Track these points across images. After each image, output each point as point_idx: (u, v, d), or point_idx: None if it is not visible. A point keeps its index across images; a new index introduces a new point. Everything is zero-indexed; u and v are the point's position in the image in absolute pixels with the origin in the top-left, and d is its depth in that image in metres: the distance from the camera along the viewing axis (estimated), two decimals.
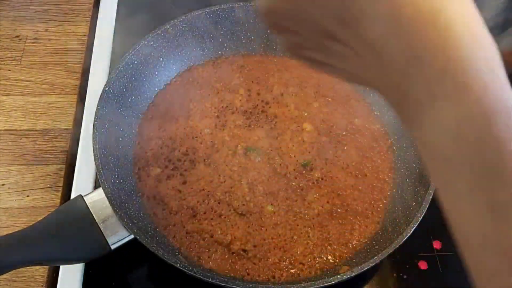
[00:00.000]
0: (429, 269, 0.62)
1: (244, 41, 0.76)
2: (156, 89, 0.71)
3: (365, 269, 0.52)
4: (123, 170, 0.62)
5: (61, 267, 0.60)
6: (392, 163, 0.67)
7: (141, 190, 0.62)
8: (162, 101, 0.70)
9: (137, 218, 0.57)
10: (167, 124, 0.68)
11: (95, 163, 0.57)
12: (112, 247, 0.53)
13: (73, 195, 0.65)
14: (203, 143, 0.66)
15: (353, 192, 0.63)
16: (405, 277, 0.61)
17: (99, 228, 0.53)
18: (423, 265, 0.62)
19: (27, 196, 0.67)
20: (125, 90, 0.66)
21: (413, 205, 0.58)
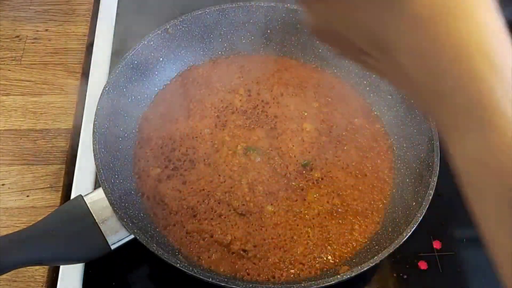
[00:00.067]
0: (429, 269, 0.62)
1: (244, 41, 0.76)
2: (156, 89, 0.71)
3: (365, 269, 0.52)
4: (123, 170, 0.62)
5: (61, 267, 0.60)
6: (392, 163, 0.67)
7: (141, 190, 0.62)
8: (162, 101, 0.70)
9: (137, 218, 0.57)
10: (167, 124, 0.68)
11: (95, 163, 0.56)
12: (112, 247, 0.53)
13: (73, 195, 0.65)
14: (203, 143, 0.66)
15: (353, 192, 0.63)
16: (405, 277, 0.61)
17: (99, 228, 0.53)
18: (423, 265, 0.62)
19: (27, 196, 0.67)
20: (125, 90, 0.66)
21: (413, 205, 0.58)
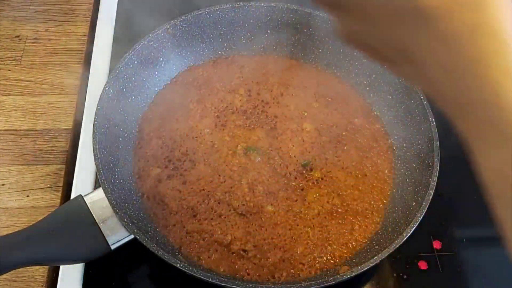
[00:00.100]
0: (429, 269, 0.62)
1: (244, 41, 0.76)
2: (156, 89, 0.71)
3: (365, 269, 0.52)
4: (123, 170, 0.62)
5: (61, 267, 0.60)
6: (392, 163, 0.67)
7: (141, 190, 0.62)
8: (162, 101, 0.70)
9: (137, 218, 0.57)
10: (167, 124, 0.68)
11: (95, 163, 0.56)
12: (112, 247, 0.53)
13: (73, 195, 0.65)
14: (203, 143, 0.66)
15: (353, 192, 0.63)
16: (405, 277, 0.61)
17: (99, 228, 0.53)
18: (423, 265, 0.62)
19: (27, 196, 0.67)
20: (125, 90, 0.66)
21: (413, 205, 0.58)
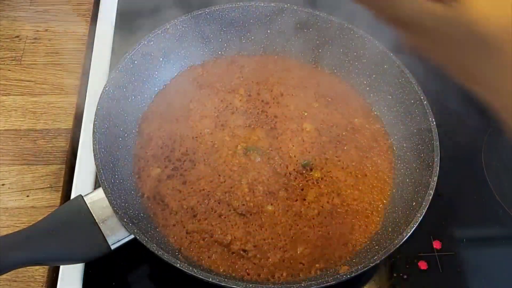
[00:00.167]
0: (429, 269, 0.62)
1: (244, 41, 0.76)
2: (156, 89, 0.71)
3: (365, 269, 0.52)
4: (123, 170, 0.62)
5: (61, 267, 0.60)
6: (392, 163, 0.67)
7: (141, 190, 0.62)
8: (162, 101, 0.70)
9: (137, 218, 0.57)
10: (167, 124, 0.68)
11: (95, 163, 0.56)
12: (112, 247, 0.53)
13: (73, 195, 0.65)
14: (203, 143, 0.66)
15: (353, 192, 0.63)
16: (405, 277, 0.61)
17: (99, 228, 0.53)
18: (423, 265, 0.62)
19: (27, 196, 0.67)
20: (125, 90, 0.66)
21: (413, 205, 0.58)
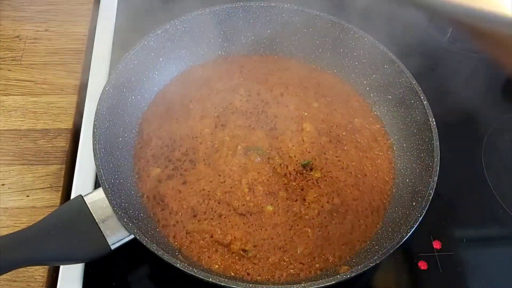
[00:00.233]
0: (429, 269, 0.62)
1: (244, 41, 0.76)
2: (156, 89, 0.71)
3: (365, 269, 0.52)
4: (123, 170, 0.62)
5: (61, 267, 0.60)
6: (392, 163, 0.67)
7: (141, 190, 0.62)
8: (162, 101, 0.70)
9: (137, 218, 0.57)
10: (167, 124, 0.68)
11: (95, 163, 0.56)
12: (112, 247, 0.53)
13: (73, 195, 0.65)
14: (203, 143, 0.66)
15: (353, 192, 0.63)
16: (405, 277, 0.61)
17: (99, 228, 0.53)
18: (423, 265, 0.62)
19: (27, 196, 0.67)
20: (125, 90, 0.66)
21: (413, 205, 0.58)
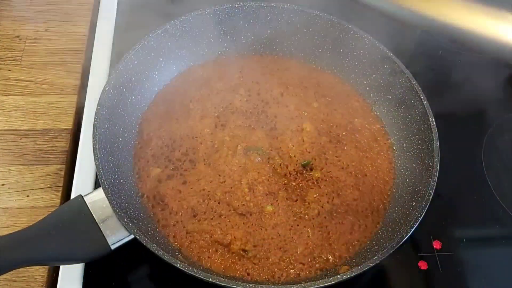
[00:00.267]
0: (429, 269, 0.62)
1: (244, 41, 0.76)
2: (156, 89, 0.71)
3: (365, 269, 0.52)
4: (123, 170, 0.62)
5: (61, 267, 0.60)
6: (392, 163, 0.67)
7: (141, 190, 0.62)
8: (162, 101, 0.70)
9: (137, 218, 0.57)
10: (167, 124, 0.68)
11: (95, 163, 0.57)
12: (112, 247, 0.53)
13: (73, 195, 0.65)
14: (203, 143, 0.66)
15: (353, 192, 0.63)
16: (405, 277, 0.61)
17: (99, 228, 0.53)
18: (423, 265, 0.62)
19: (27, 196, 0.67)
20: (125, 90, 0.66)
21: (413, 205, 0.58)
